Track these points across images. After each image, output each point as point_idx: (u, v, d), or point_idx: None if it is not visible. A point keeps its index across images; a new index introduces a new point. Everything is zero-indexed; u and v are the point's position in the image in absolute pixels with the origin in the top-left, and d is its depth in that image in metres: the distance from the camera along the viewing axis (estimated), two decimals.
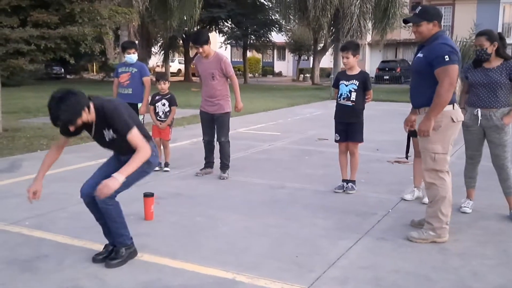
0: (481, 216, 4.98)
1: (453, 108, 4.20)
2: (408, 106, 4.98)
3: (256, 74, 45.76)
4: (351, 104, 5.71)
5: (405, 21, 4.54)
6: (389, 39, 28.56)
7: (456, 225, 4.68)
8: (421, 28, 4.23)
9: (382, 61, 36.08)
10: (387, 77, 33.21)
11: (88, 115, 3.50)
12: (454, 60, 4.04)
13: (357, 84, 5.69)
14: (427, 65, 4.15)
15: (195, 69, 6.69)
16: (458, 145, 6.97)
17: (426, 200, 5.32)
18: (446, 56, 4.03)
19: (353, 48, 5.73)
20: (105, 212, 3.69)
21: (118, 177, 3.41)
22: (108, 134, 3.62)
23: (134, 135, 3.50)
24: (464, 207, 5.09)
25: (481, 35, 4.83)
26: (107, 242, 3.89)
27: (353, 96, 5.70)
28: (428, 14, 4.23)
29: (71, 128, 3.53)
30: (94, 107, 3.52)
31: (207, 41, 6.34)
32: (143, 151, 3.50)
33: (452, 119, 4.19)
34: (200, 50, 6.30)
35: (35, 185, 3.71)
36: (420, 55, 4.28)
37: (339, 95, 5.82)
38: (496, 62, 4.80)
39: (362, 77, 5.74)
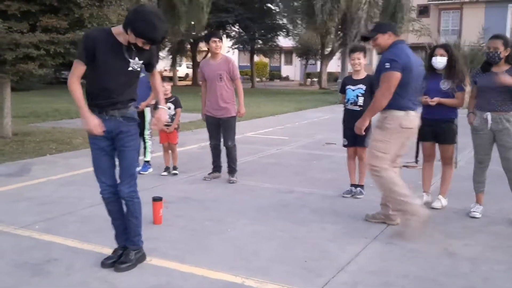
0: (491, 221, 4.95)
1: (404, 115, 4.48)
2: None
3: (264, 79, 45.82)
4: (359, 109, 5.68)
5: (364, 38, 4.99)
6: None
7: (465, 230, 4.67)
8: (378, 40, 4.61)
9: None
10: None
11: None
12: (395, 68, 4.34)
13: (364, 89, 5.68)
14: (378, 72, 4.53)
15: (200, 73, 6.65)
16: (467, 150, 6.95)
17: (435, 204, 5.32)
18: (387, 64, 4.39)
19: (364, 50, 5.75)
20: (130, 206, 3.74)
21: (165, 107, 3.86)
22: (136, 63, 3.58)
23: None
24: (474, 212, 5.07)
25: (498, 38, 4.84)
26: (116, 246, 3.90)
27: (361, 100, 5.69)
28: (382, 27, 4.67)
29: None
30: None
31: (222, 38, 6.57)
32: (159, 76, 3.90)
33: (401, 125, 4.47)
34: (218, 44, 6.37)
35: (93, 118, 3.53)
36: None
37: (346, 100, 5.81)
38: (504, 67, 4.82)
39: (369, 81, 5.73)
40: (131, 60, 3.55)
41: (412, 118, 4.57)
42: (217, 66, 6.41)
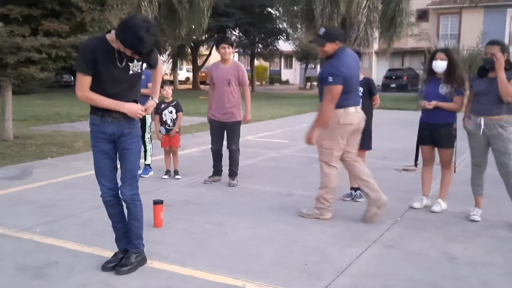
0: (490, 224, 4.97)
1: (343, 112, 4.86)
2: (415, 114, 5.02)
3: (264, 82, 45.85)
4: None
5: (313, 41, 5.18)
6: (395, 47, 28.50)
7: (465, 234, 4.69)
8: (325, 48, 4.89)
9: (389, 70, 36.05)
10: (394, 86, 33.17)
11: None
12: (337, 82, 4.70)
13: (361, 91, 5.70)
14: (322, 82, 4.88)
15: (209, 75, 6.64)
16: (465, 154, 6.97)
17: (434, 208, 5.34)
18: (330, 78, 4.71)
19: (359, 53, 5.77)
20: (132, 209, 3.77)
21: (156, 100, 3.89)
22: (136, 65, 3.61)
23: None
24: (473, 215, 5.09)
25: (495, 44, 4.85)
26: (116, 249, 3.92)
27: (360, 103, 5.70)
28: (331, 37, 4.89)
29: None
30: None
31: (233, 44, 6.63)
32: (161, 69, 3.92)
33: (339, 121, 4.87)
34: (227, 50, 6.36)
35: (130, 104, 3.63)
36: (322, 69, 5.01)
37: None
38: None
39: (366, 83, 5.75)
40: (130, 64, 3.58)
41: (351, 114, 4.92)
42: (227, 71, 6.43)
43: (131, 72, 3.61)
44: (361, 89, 5.69)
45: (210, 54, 36.59)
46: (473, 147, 5.09)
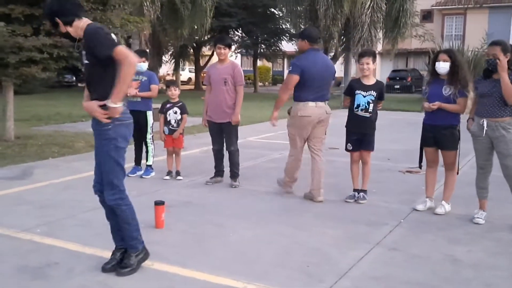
0: (494, 227, 4.92)
1: (302, 105, 5.69)
2: (419, 115, 4.98)
3: (266, 83, 45.81)
4: (369, 116, 5.68)
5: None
6: (400, 48, 28.45)
7: (469, 236, 4.65)
8: (298, 44, 5.99)
9: (393, 71, 36.01)
10: (398, 87, 33.11)
11: (78, 28, 3.47)
12: (293, 71, 5.63)
13: (375, 96, 5.65)
14: None
15: (206, 76, 6.65)
16: (470, 155, 6.92)
17: (438, 210, 5.30)
18: (290, 67, 5.73)
19: (374, 54, 5.74)
20: (120, 214, 3.66)
21: (113, 105, 3.38)
22: (84, 55, 3.53)
23: (119, 49, 3.34)
24: (477, 218, 5.04)
25: (496, 45, 4.81)
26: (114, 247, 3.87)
27: (371, 107, 5.67)
28: (301, 34, 5.93)
29: (61, 28, 3.47)
30: (85, 26, 3.46)
31: (230, 45, 6.56)
32: (128, 60, 3.31)
33: (297, 113, 5.72)
34: (222, 51, 6.34)
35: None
36: None
37: (356, 106, 5.71)
38: None
39: (380, 88, 5.72)
40: (83, 53, 3.54)
41: (309, 108, 5.68)
42: (223, 70, 6.40)
43: (86, 61, 3.52)
44: (374, 93, 5.62)
45: (212, 54, 36.54)
46: (477, 149, 5.05)
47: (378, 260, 4.05)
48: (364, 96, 5.65)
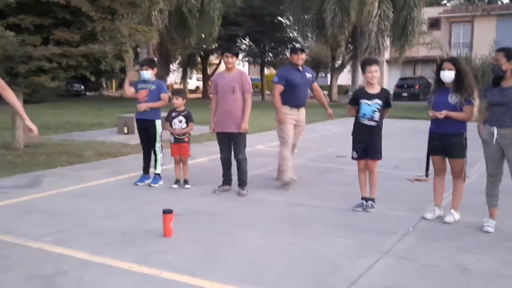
0: (504, 235, 4.88)
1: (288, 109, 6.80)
2: (427, 124, 5.00)
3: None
4: (375, 124, 5.67)
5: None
6: (407, 56, 28.45)
7: (479, 245, 4.61)
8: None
9: (401, 78, 35.94)
10: (406, 94, 33.04)
11: None
12: (275, 81, 6.87)
13: (381, 104, 5.63)
14: None
15: (213, 85, 6.67)
16: (479, 163, 6.89)
17: (447, 219, 5.26)
18: (274, 78, 6.94)
19: (378, 63, 5.73)
20: None
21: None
22: None
23: None
24: (487, 226, 5.00)
25: (500, 51, 4.86)
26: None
27: (377, 116, 5.64)
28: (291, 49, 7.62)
29: None
30: None
31: (238, 54, 6.63)
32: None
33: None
34: (230, 59, 6.38)
35: None
36: None
37: (362, 115, 5.69)
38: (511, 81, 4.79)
39: (385, 96, 5.70)
40: None
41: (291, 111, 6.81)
42: (231, 79, 6.42)
43: None
44: (380, 102, 5.61)
45: (220, 63, 36.65)
46: (488, 157, 5.03)
47: (387, 269, 4.03)
48: (369, 105, 5.63)
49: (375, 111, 5.63)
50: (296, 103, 6.89)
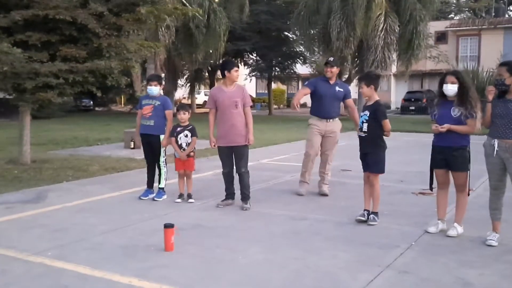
0: (507, 249, 4.84)
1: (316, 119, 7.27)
2: (432, 137, 5.01)
3: (281, 106, 45.95)
4: (363, 135, 5.81)
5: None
6: (414, 70, 28.45)
7: (481, 259, 4.57)
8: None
9: (408, 92, 35.88)
10: (413, 108, 32.97)
11: None
12: (304, 84, 7.54)
13: (367, 115, 5.72)
14: None
15: (211, 100, 6.61)
16: (483, 177, 6.85)
17: (450, 232, 5.23)
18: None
19: (366, 79, 5.88)
20: None
21: None
22: None
23: None
24: (490, 240, 4.96)
25: (503, 65, 4.87)
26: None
27: (365, 127, 5.76)
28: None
29: None
30: None
31: (238, 67, 6.86)
32: None
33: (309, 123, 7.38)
34: (238, 72, 6.63)
35: None
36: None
37: (359, 126, 5.94)
38: None
39: (372, 107, 5.76)
40: None
41: (314, 121, 7.26)
42: (233, 94, 6.46)
43: None
44: (367, 113, 5.72)
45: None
46: (489, 170, 5.02)
47: (388, 284, 4.01)
48: (361, 116, 5.87)
49: (364, 122, 5.79)
50: (323, 114, 7.25)
